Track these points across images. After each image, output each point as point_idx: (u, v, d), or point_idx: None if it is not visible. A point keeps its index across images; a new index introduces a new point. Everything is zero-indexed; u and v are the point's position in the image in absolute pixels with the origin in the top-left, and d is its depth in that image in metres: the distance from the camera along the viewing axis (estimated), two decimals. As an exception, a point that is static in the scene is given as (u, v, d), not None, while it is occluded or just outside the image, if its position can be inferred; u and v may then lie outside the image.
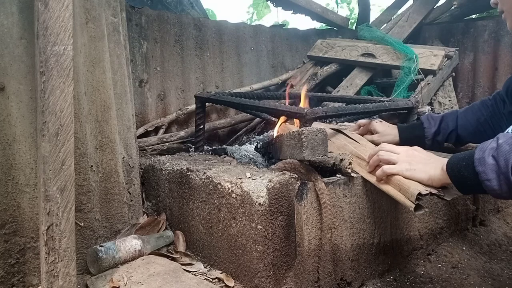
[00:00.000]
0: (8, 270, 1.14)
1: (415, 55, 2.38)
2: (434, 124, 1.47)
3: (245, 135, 2.38)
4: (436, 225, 1.43)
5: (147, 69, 2.13)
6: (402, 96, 2.29)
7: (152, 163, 1.56)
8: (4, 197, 1.12)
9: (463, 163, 0.91)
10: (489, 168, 0.84)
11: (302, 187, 1.06)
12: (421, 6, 3.00)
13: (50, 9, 0.98)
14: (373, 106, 1.55)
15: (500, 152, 0.83)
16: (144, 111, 2.14)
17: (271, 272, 1.09)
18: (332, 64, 2.74)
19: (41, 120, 0.98)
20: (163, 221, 1.48)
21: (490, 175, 0.84)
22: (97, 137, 1.31)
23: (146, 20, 2.11)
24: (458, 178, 0.92)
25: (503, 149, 0.83)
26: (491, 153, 0.85)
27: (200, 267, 1.28)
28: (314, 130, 1.10)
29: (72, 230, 1.00)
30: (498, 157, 0.83)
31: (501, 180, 0.83)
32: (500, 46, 2.65)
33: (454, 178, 0.93)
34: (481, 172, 0.85)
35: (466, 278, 1.28)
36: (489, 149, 0.86)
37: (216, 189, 1.21)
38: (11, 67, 1.09)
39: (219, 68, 2.48)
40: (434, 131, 1.46)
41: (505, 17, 1.13)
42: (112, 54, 1.36)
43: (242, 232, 1.14)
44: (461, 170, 0.91)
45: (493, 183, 0.84)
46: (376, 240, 1.23)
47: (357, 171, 1.17)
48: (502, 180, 0.83)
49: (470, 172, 0.88)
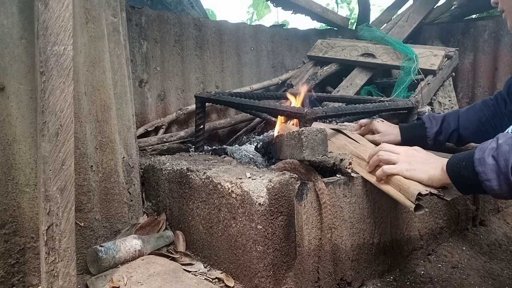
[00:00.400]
0: (8, 270, 1.14)
1: (415, 55, 2.38)
2: (436, 124, 1.47)
3: (245, 135, 2.38)
4: (436, 225, 1.43)
5: (147, 69, 2.13)
6: (402, 96, 2.29)
7: (152, 163, 1.56)
8: (4, 197, 1.12)
9: (463, 163, 0.91)
10: (489, 168, 0.84)
11: (302, 187, 1.06)
12: (421, 6, 3.00)
13: (50, 9, 0.98)
14: (373, 106, 1.55)
15: (500, 152, 0.83)
16: (144, 111, 2.14)
17: (271, 272, 1.09)
18: (332, 64, 2.74)
19: (41, 120, 0.98)
20: (163, 221, 1.48)
21: (490, 175, 0.84)
22: (97, 137, 1.31)
23: (146, 20, 2.11)
24: (458, 178, 0.92)
25: (503, 149, 0.83)
26: (491, 153, 0.85)
27: (200, 267, 1.28)
28: (314, 130, 1.10)
29: (72, 230, 1.00)
30: (498, 157, 0.83)
31: (501, 180, 0.83)
32: (500, 46, 2.65)
33: (454, 178, 0.93)
34: (481, 172, 0.85)
35: (466, 278, 1.28)
36: (489, 149, 0.86)
37: (216, 189, 1.21)
38: (11, 67, 1.09)
39: (219, 68, 2.48)
40: (436, 130, 1.46)
41: (505, 16, 1.13)
42: (112, 54, 1.36)
43: (242, 232, 1.14)
44: (461, 170, 0.91)
45: (493, 183, 0.84)
46: (376, 240, 1.23)
47: (357, 171, 1.17)
48: (502, 180, 0.83)
49: (470, 172, 0.88)
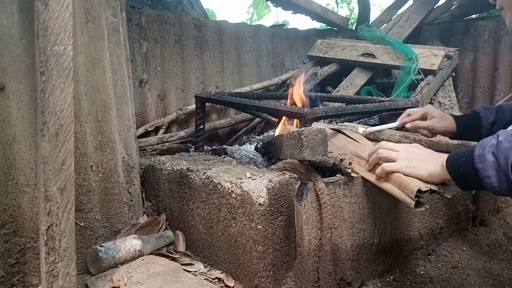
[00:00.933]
0: (8, 270, 1.14)
1: (415, 55, 2.38)
2: (491, 114, 1.46)
3: (245, 135, 2.38)
4: (436, 225, 1.43)
5: (147, 69, 2.13)
6: (402, 96, 2.29)
7: (152, 163, 1.56)
8: (4, 197, 1.12)
9: (463, 160, 0.90)
10: (489, 165, 0.84)
11: (302, 187, 1.06)
12: (421, 6, 3.00)
13: (50, 9, 0.98)
14: (373, 106, 1.55)
15: (500, 149, 0.83)
16: (144, 111, 2.14)
17: (271, 272, 1.09)
18: (332, 64, 2.74)
19: (41, 120, 0.98)
20: (163, 221, 1.48)
21: (489, 172, 0.84)
22: (97, 137, 1.31)
23: (146, 20, 2.12)
24: (458, 174, 0.92)
25: (503, 146, 0.83)
26: (491, 150, 0.84)
27: (200, 267, 1.28)
28: (314, 130, 1.10)
29: (72, 230, 1.00)
30: (498, 154, 0.83)
31: (500, 178, 0.83)
32: (500, 46, 2.65)
33: (454, 175, 0.93)
34: (481, 169, 0.85)
35: (466, 278, 1.28)
36: (489, 146, 0.85)
37: (216, 189, 1.21)
38: (11, 67, 1.09)
39: (219, 68, 2.48)
40: (492, 121, 1.45)
41: (504, 14, 1.13)
42: (112, 54, 1.36)
43: (242, 232, 1.14)
44: (461, 166, 0.90)
45: (493, 180, 0.84)
46: (376, 240, 1.23)
47: (357, 170, 1.17)
48: (501, 178, 0.83)
49: (470, 168, 0.88)
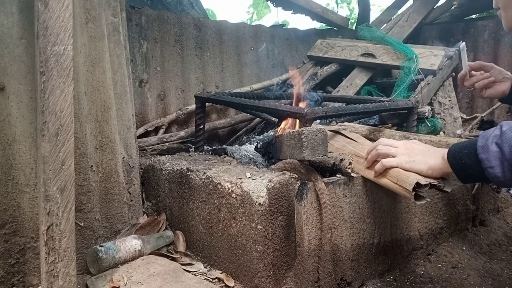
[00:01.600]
0: (8, 270, 1.14)
1: (415, 55, 2.38)
2: None
3: (245, 135, 2.38)
4: (436, 225, 1.43)
5: (147, 69, 2.13)
6: (402, 96, 2.29)
7: (152, 163, 1.56)
8: (4, 197, 1.12)
9: (465, 151, 0.89)
10: (493, 155, 0.83)
11: (302, 187, 1.06)
12: (421, 6, 3.00)
13: (50, 9, 0.98)
14: (373, 106, 1.55)
15: (504, 139, 0.82)
16: (144, 111, 2.14)
17: (271, 272, 1.09)
18: (332, 64, 2.74)
19: (41, 120, 0.98)
20: (163, 221, 1.48)
21: (493, 162, 0.83)
22: (97, 137, 1.31)
23: (146, 20, 2.12)
24: (460, 166, 0.91)
25: (507, 136, 0.82)
26: (495, 140, 0.84)
27: (200, 267, 1.28)
28: (314, 130, 1.10)
29: (72, 230, 1.00)
30: (502, 144, 0.82)
31: (504, 167, 0.82)
32: (500, 46, 2.65)
33: (455, 166, 0.92)
34: (484, 159, 0.84)
35: (466, 278, 1.28)
36: (493, 137, 0.85)
37: (216, 189, 1.21)
38: (11, 67, 1.09)
39: (219, 68, 2.48)
40: None
41: (500, 14, 1.13)
42: (112, 54, 1.36)
43: (242, 232, 1.14)
44: (463, 158, 0.89)
45: (496, 170, 0.83)
46: (376, 240, 1.23)
47: (356, 170, 1.17)
48: (506, 167, 0.82)
49: (472, 160, 0.87)
